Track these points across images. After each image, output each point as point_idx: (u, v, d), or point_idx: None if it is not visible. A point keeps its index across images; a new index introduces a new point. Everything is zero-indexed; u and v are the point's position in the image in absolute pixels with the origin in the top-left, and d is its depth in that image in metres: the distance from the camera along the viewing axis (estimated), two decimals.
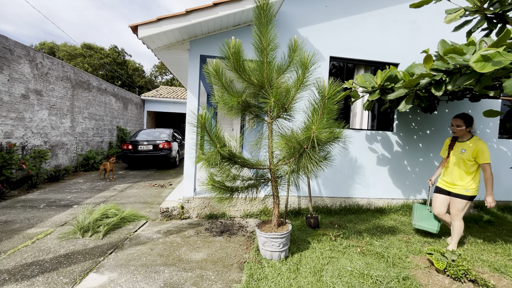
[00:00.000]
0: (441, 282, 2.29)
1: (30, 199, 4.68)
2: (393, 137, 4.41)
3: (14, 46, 5.45)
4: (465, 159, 2.66)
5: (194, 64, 3.82)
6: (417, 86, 2.82)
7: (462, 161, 2.69)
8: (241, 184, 2.84)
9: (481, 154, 2.58)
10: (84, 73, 8.36)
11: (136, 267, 2.44)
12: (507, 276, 2.40)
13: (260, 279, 2.24)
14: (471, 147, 2.65)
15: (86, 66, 22.40)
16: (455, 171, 2.75)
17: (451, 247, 2.82)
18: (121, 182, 6.48)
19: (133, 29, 3.23)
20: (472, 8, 2.30)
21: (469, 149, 2.65)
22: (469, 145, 2.68)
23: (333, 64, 4.43)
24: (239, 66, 2.50)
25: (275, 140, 2.61)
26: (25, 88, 5.76)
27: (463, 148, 2.71)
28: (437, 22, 4.25)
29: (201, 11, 3.23)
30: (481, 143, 2.62)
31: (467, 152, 2.66)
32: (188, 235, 3.22)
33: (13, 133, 5.45)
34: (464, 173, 2.70)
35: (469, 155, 2.63)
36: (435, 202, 2.96)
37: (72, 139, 7.69)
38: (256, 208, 4.03)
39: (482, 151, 2.57)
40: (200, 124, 2.33)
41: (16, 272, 2.32)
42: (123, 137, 11.07)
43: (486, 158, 2.56)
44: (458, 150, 2.75)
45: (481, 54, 1.76)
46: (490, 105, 4.52)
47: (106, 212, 3.57)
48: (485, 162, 2.56)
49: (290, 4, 3.99)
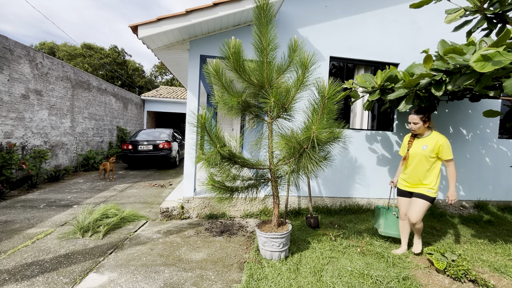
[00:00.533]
0: (441, 282, 2.29)
1: (30, 199, 4.68)
2: (393, 137, 4.40)
3: (14, 46, 5.45)
4: (427, 156, 2.50)
5: (194, 64, 3.83)
6: (417, 86, 2.82)
7: (425, 159, 2.52)
8: (241, 184, 2.84)
9: (443, 150, 2.45)
10: (84, 73, 8.36)
11: (136, 267, 2.44)
12: (507, 276, 2.40)
13: (260, 279, 2.24)
14: (432, 143, 2.49)
15: (86, 66, 22.40)
16: (418, 170, 2.58)
17: (417, 249, 2.74)
18: (121, 182, 6.47)
19: (133, 29, 3.23)
20: (472, 8, 2.30)
21: (430, 145, 2.49)
22: (430, 141, 2.52)
23: (333, 64, 4.43)
24: (239, 66, 2.50)
25: (275, 140, 2.61)
26: (25, 88, 5.76)
27: (424, 144, 2.54)
28: (437, 22, 4.25)
29: (201, 11, 3.24)
30: (442, 138, 2.47)
31: (428, 148, 2.49)
32: (188, 235, 3.22)
33: (13, 133, 5.45)
34: (427, 171, 2.54)
35: (431, 152, 2.48)
36: (401, 207, 2.77)
37: (72, 139, 7.69)
38: (256, 208, 4.03)
39: (444, 147, 2.44)
40: (200, 124, 2.33)
41: (16, 272, 2.32)
42: (123, 137, 11.07)
43: (449, 153, 2.45)
44: (419, 147, 2.57)
45: (481, 54, 1.76)
46: (490, 105, 4.51)
47: (106, 212, 3.57)
48: (448, 158, 2.45)
49: (290, 4, 3.99)
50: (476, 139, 4.64)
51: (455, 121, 4.56)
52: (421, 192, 2.56)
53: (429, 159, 2.50)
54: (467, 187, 4.65)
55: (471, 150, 4.63)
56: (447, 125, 4.55)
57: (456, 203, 4.61)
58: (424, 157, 2.52)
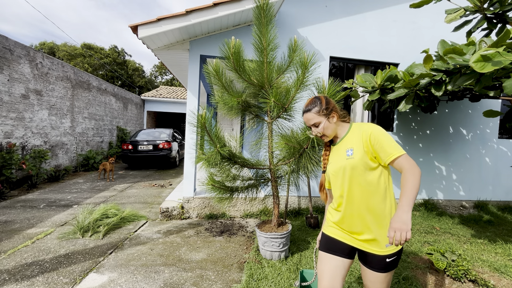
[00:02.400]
0: (441, 282, 2.29)
1: (30, 199, 4.68)
2: (393, 137, 4.41)
3: (14, 46, 5.45)
4: (362, 164, 1.26)
5: (194, 64, 3.83)
6: (417, 86, 2.82)
7: (361, 171, 1.26)
8: (241, 184, 2.84)
9: (378, 143, 1.22)
10: (84, 73, 8.36)
11: (136, 267, 2.44)
12: (507, 276, 2.40)
13: (260, 279, 2.24)
14: (357, 139, 1.30)
15: (86, 66, 22.40)
16: (357, 199, 1.28)
17: None
18: (121, 182, 6.47)
19: (133, 29, 3.23)
20: (472, 8, 2.30)
21: (358, 144, 1.29)
22: (353, 139, 1.33)
23: (333, 64, 4.43)
24: (239, 66, 2.50)
25: (275, 140, 2.61)
26: (25, 88, 5.76)
27: (347, 147, 1.33)
28: (437, 22, 4.25)
29: (201, 11, 3.24)
30: (370, 127, 1.28)
31: (357, 149, 1.28)
32: (188, 235, 3.22)
33: (13, 133, 5.45)
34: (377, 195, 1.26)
35: (364, 154, 1.26)
36: (322, 271, 1.34)
37: (72, 139, 7.69)
38: (256, 208, 4.03)
39: (376, 136, 1.23)
40: (200, 124, 2.33)
41: (16, 272, 2.32)
42: (123, 137, 11.07)
43: (391, 146, 1.20)
44: (341, 156, 1.34)
45: (481, 54, 1.76)
46: (490, 105, 4.52)
47: (106, 212, 3.57)
48: (394, 155, 1.18)
49: (290, 4, 3.99)
50: (476, 139, 4.64)
51: (455, 121, 4.56)
52: (377, 252, 1.25)
53: (368, 170, 1.26)
54: (467, 187, 4.65)
55: (471, 150, 4.63)
56: (447, 125, 4.55)
57: (456, 203, 4.61)
58: (358, 169, 1.26)
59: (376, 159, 1.27)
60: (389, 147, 1.20)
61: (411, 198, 1.09)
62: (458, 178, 4.60)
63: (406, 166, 1.16)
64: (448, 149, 4.56)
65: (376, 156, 1.25)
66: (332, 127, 1.38)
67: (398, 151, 1.19)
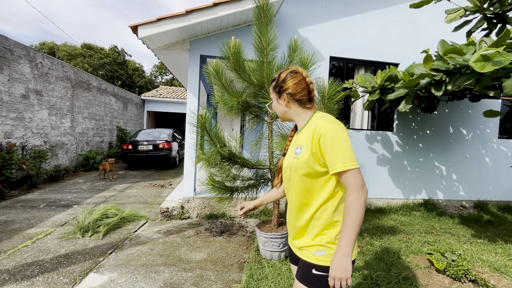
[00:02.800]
0: (441, 282, 2.29)
1: (30, 199, 4.67)
2: (393, 137, 4.41)
3: (14, 46, 5.45)
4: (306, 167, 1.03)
5: (194, 64, 3.83)
6: (417, 86, 2.82)
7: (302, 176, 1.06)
8: (241, 184, 2.84)
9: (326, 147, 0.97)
10: (84, 73, 8.36)
11: (136, 267, 2.44)
12: (507, 276, 2.40)
13: (260, 279, 2.24)
14: (309, 136, 1.03)
15: (86, 66, 22.40)
16: (294, 205, 1.11)
17: None
18: (121, 182, 6.47)
19: (133, 29, 3.23)
20: (472, 8, 2.30)
21: (307, 143, 1.04)
22: (307, 133, 1.06)
23: (333, 64, 4.43)
24: (239, 66, 2.50)
25: (275, 140, 2.61)
26: (25, 88, 5.76)
27: (298, 143, 1.11)
28: (437, 22, 4.25)
29: (201, 11, 3.24)
30: (324, 125, 1.00)
31: (305, 149, 1.04)
32: (188, 235, 3.22)
33: (13, 133, 5.45)
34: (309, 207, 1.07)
35: (310, 156, 1.02)
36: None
37: (72, 139, 7.69)
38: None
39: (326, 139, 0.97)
40: (200, 124, 2.33)
41: (16, 272, 2.32)
42: (123, 137, 11.07)
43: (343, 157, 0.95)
44: (292, 151, 1.15)
45: (481, 54, 1.76)
46: (490, 105, 4.52)
47: (106, 212, 3.57)
48: (340, 169, 0.95)
49: (290, 4, 3.99)
50: (476, 139, 4.64)
51: (455, 121, 4.56)
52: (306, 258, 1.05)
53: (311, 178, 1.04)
54: (467, 187, 4.66)
55: (471, 150, 4.63)
56: (447, 125, 4.55)
57: (456, 203, 4.61)
58: (299, 173, 1.06)
59: (324, 163, 1.01)
60: (337, 155, 0.95)
61: (352, 237, 0.91)
62: (458, 178, 4.60)
63: (351, 187, 0.95)
64: (448, 149, 4.56)
65: (324, 162, 1.01)
66: (281, 109, 1.18)
67: (344, 164, 0.94)
